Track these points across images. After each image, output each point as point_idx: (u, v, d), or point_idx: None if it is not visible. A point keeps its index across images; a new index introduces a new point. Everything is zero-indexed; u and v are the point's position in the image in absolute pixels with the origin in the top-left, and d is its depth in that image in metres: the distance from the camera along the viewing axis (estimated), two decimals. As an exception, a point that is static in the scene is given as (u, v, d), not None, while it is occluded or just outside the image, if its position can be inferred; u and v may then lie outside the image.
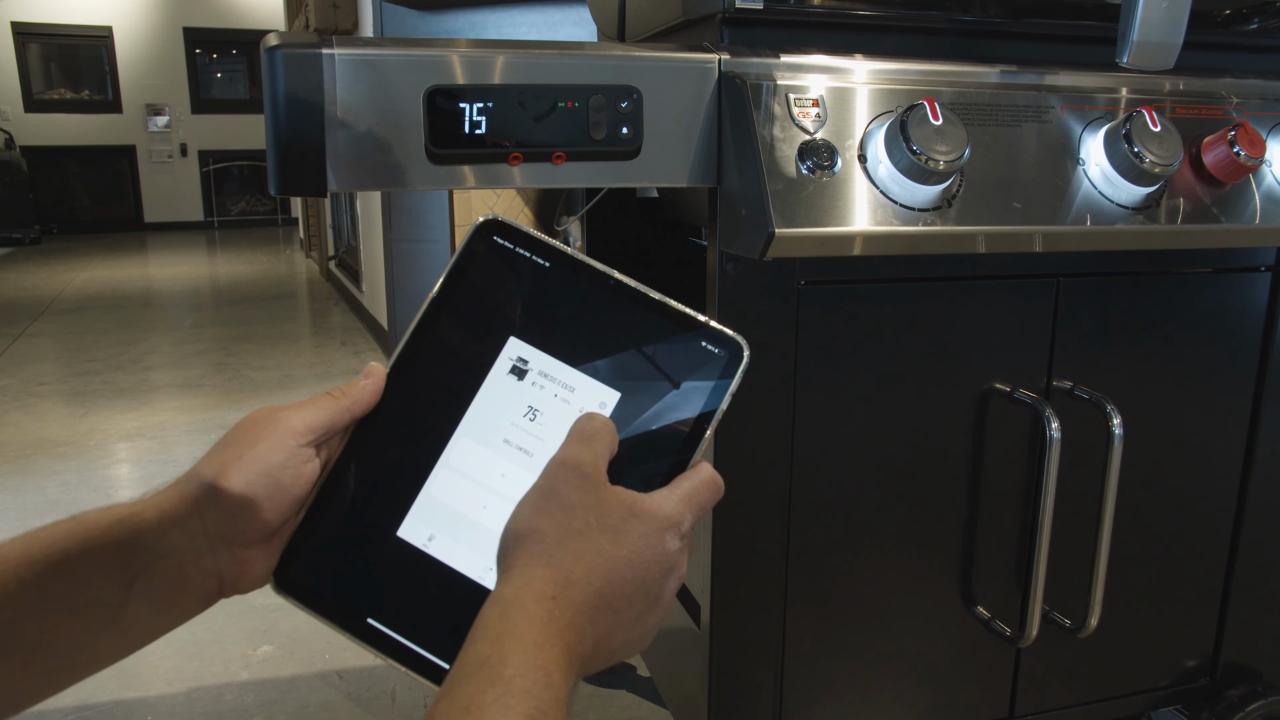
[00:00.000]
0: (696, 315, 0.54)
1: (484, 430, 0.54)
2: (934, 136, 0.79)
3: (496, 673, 0.40)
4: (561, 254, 0.55)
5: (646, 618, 0.49)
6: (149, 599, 0.51)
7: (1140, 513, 1.08)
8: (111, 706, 1.56)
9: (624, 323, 0.54)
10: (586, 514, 0.47)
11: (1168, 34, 0.84)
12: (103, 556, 0.50)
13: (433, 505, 0.53)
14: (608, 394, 0.53)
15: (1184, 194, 0.91)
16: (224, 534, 0.51)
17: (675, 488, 0.51)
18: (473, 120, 0.77)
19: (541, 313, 0.55)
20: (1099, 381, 1.01)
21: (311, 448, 0.53)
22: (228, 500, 0.50)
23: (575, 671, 0.44)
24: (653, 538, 0.48)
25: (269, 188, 0.78)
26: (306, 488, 0.53)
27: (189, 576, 0.51)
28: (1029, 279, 0.98)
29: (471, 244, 0.56)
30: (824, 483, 0.96)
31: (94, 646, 0.51)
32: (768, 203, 0.77)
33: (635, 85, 0.80)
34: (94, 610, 0.50)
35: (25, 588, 0.49)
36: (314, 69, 0.74)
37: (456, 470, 0.54)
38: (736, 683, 0.99)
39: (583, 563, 0.46)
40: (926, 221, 0.82)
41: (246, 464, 0.51)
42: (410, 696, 1.58)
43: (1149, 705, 1.18)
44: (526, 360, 0.54)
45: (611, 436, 0.51)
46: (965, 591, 1.04)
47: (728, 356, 0.53)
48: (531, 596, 0.44)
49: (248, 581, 0.53)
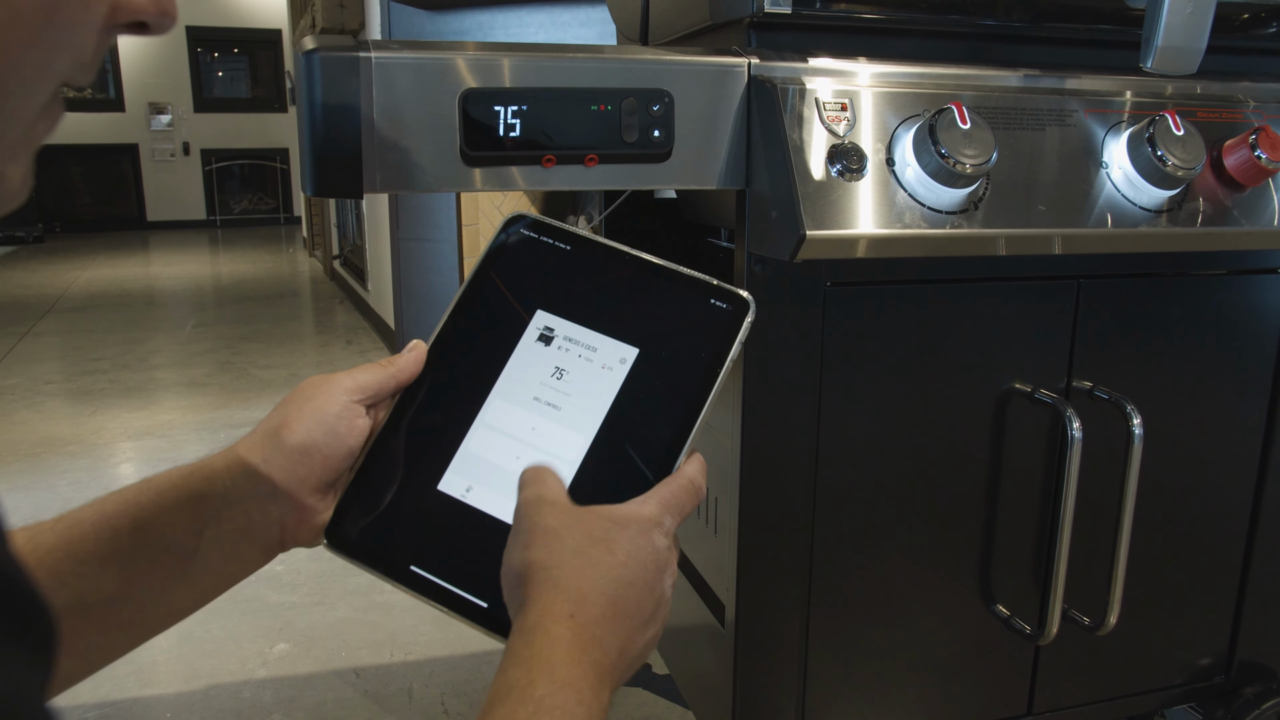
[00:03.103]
0: (704, 276, 0.59)
1: (516, 391, 0.59)
2: (962, 140, 0.80)
3: (527, 694, 0.42)
4: (579, 237, 0.62)
5: (656, 616, 0.51)
6: (218, 545, 0.54)
7: (1156, 511, 1.08)
8: (130, 704, 1.57)
9: (638, 289, 0.60)
10: (572, 534, 0.49)
11: (1191, 39, 0.85)
12: (175, 505, 0.53)
13: (470, 460, 0.57)
14: (627, 350, 0.58)
15: (1205, 197, 0.92)
16: (287, 480, 0.55)
17: (650, 495, 0.53)
18: (507, 123, 0.78)
19: (564, 287, 0.61)
20: (1118, 382, 1.02)
21: (363, 406, 0.57)
22: (290, 447, 0.55)
23: (607, 685, 0.45)
24: (640, 539, 0.50)
25: (304, 189, 0.79)
26: (359, 440, 0.57)
27: (254, 523, 0.55)
28: (1050, 281, 0.99)
29: (501, 234, 0.63)
30: (847, 482, 0.97)
31: (167, 597, 0.54)
32: (799, 205, 0.78)
33: (666, 89, 0.81)
34: (167, 559, 0.53)
35: (102, 544, 0.51)
36: (351, 72, 0.75)
37: (492, 427, 0.58)
38: (760, 680, 1.00)
39: (587, 577, 0.47)
40: (953, 224, 0.83)
41: (306, 414, 0.56)
42: (427, 694, 1.59)
43: (1164, 703, 1.19)
44: (552, 328, 0.60)
45: (554, 474, 0.53)
46: (985, 590, 1.05)
47: (734, 311, 0.58)
48: (551, 619, 0.45)
49: (306, 532, 0.57)
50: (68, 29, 0.32)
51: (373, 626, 1.81)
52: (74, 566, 0.51)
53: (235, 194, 11.19)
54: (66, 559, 0.51)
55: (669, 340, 0.58)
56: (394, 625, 1.80)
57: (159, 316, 5.39)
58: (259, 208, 11.31)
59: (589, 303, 0.60)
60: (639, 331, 0.58)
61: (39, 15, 0.31)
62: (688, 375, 0.57)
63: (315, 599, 1.91)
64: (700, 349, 0.57)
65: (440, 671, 1.66)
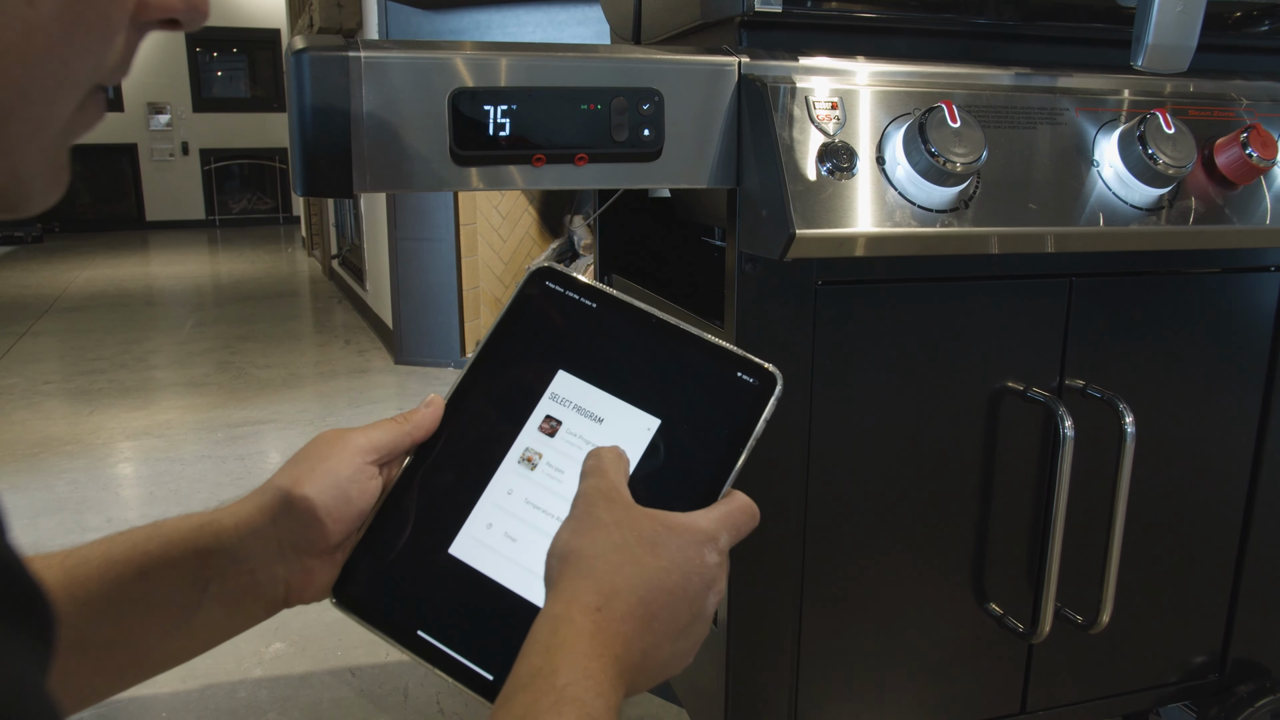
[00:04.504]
0: (733, 348, 0.57)
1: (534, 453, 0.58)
2: (952, 139, 0.80)
3: (549, 682, 0.42)
4: (607, 296, 0.59)
5: (691, 630, 0.50)
6: (221, 601, 0.54)
7: (1150, 510, 1.09)
8: (125, 703, 1.57)
9: (665, 356, 0.58)
10: (620, 530, 0.49)
11: (1182, 36, 0.85)
12: (181, 559, 0.53)
13: (483, 524, 0.56)
14: (650, 420, 0.57)
15: (1196, 195, 0.92)
16: (295, 541, 0.54)
17: (712, 509, 0.53)
18: (497, 122, 0.78)
19: (588, 348, 0.59)
20: (1110, 381, 1.02)
21: (375, 466, 0.56)
22: (300, 509, 0.54)
23: (625, 682, 0.45)
24: (690, 549, 0.50)
25: (294, 189, 0.79)
26: (370, 502, 0.56)
27: (260, 581, 0.54)
28: (1042, 279, 0.99)
29: (526, 288, 0.61)
30: (839, 481, 0.97)
31: (165, 646, 0.54)
32: (789, 204, 0.78)
33: (656, 88, 0.81)
34: (168, 610, 0.53)
35: (106, 586, 0.51)
36: (340, 71, 0.75)
37: (507, 491, 0.57)
38: (753, 678, 1.00)
39: (623, 574, 0.47)
40: (944, 223, 0.83)
41: (319, 476, 0.55)
42: (423, 693, 1.59)
43: (1158, 701, 1.19)
44: (574, 391, 0.58)
45: (622, 460, 0.53)
46: (978, 588, 1.05)
47: (761, 386, 0.56)
48: (578, 610, 0.45)
49: (312, 591, 0.56)
50: (88, 35, 0.32)
51: (369, 626, 1.81)
52: (76, 608, 0.50)
53: (234, 194, 11.19)
54: (69, 600, 0.50)
55: (693, 413, 0.56)
56: (390, 625, 1.80)
57: (157, 316, 5.39)
58: (258, 207, 11.31)
59: (612, 367, 0.58)
60: (663, 401, 0.57)
61: (56, 25, 0.31)
62: (710, 449, 0.55)
63: (312, 598, 1.91)
64: (725, 424, 0.56)
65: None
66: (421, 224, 3.74)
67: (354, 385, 3.67)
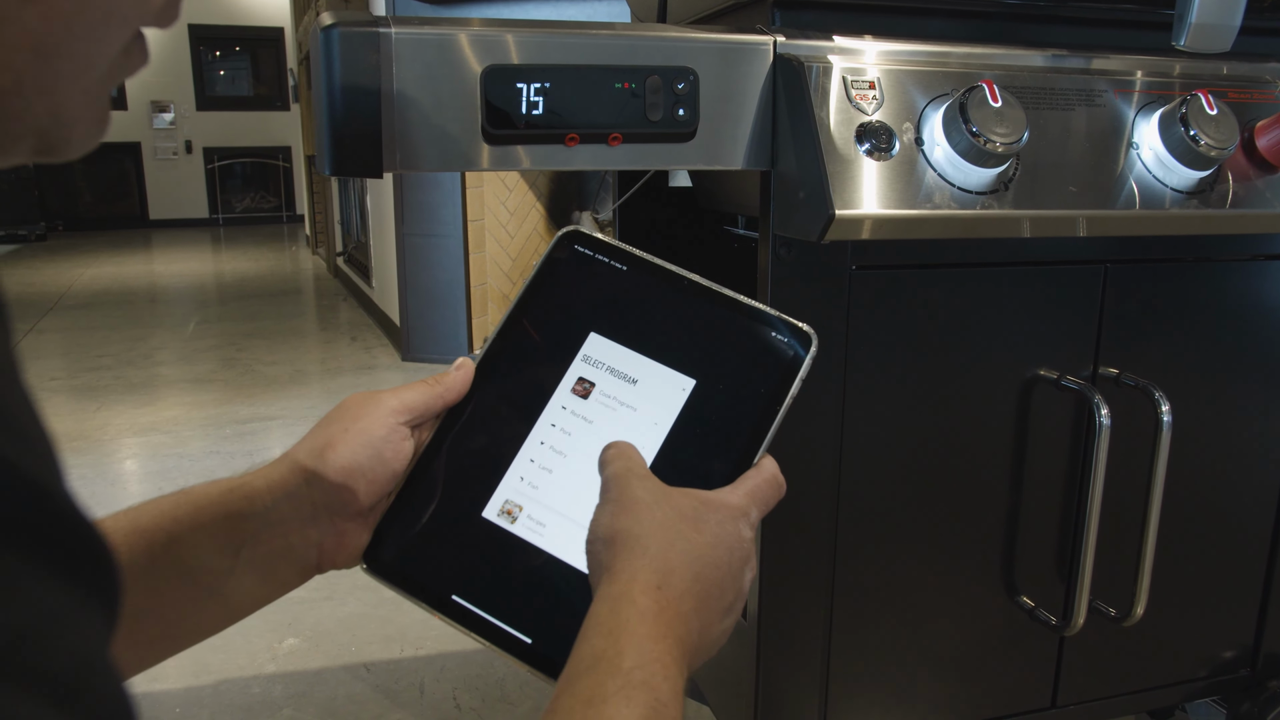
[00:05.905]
0: (767, 309, 0.56)
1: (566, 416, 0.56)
2: (993, 118, 0.78)
3: (615, 665, 0.41)
4: (637, 258, 0.58)
5: (734, 608, 0.49)
6: (254, 567, 0.52)
7: (1181, 501, 1.07)
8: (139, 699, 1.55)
9: (698, 316, 0.57)
10: (662, 508, 0.47)
11: (1225, 15, 0.84)
12: (213, 524, 0.51)
13: (516, 487, 0.55)
14: (685, 381, 0.56)
15: (1236, 178, 0.91)
16: (328, 503, 0.53)
17: (739, 484, 0.52)
18: (530, 100, 0.76)
19: (620, 310, 0.58)
20: (1145, 369, 1.00)
21: (408, 427, 0.55)
22: (334, 470, 0.53)
23: (687, 663, 0.44)
24: (728, 524, 0.49)
25: (321, 168, 0.77)
26: (404, 463, 0.55)
27: (293, 545, 0.53)
28: (1076, 265, 0.97)
29: (554, 251, 0.60)
30: (871, 470, 0.95)
31: (196, 615, 0.52)
32: (827, 185, 0.77)
33: (691, 67, 0.80)
34: (201, 577, 0.51)
35: (135, 555, 0.49)
36: (371, 48, 0.74)
37: (540, 453, 0.55)
38: (783, 674, 0.98)
39: (675, 550, 0.46)
40: (983, 205, 0.82)
41: (352, 436, 0.53)
42: (439, 688, 1.58)
43: (1188, 696, 1.17)
44: (607, 353, 0.57)
45: (638, 452, 0.52)
46: (1009, 581, 1.04)
47: (797, 345, 0.55)
48: (639, 589, 0.44)
49: (344, 555, 0.55)
50: None
51: (383, 621, 1.79)
52: None
53: (237, 192, 11.17)
54: None
55: (729, 374, 0.55)
56: (404, 620, 1.79)
57: (162, 314, 5.38)
58: (261, 206, 11.30)
59: (645, 328, 0.57)
60: (698, 362, 0.56)
61: None
62: (746, 409, 0.54)
63: (324, 594, 1.89)
64: (761, 384, 0.55)
65: (452, 666, 1.64)
66: (429, 220, 3.72)
67: (360, 381, 3.66)
